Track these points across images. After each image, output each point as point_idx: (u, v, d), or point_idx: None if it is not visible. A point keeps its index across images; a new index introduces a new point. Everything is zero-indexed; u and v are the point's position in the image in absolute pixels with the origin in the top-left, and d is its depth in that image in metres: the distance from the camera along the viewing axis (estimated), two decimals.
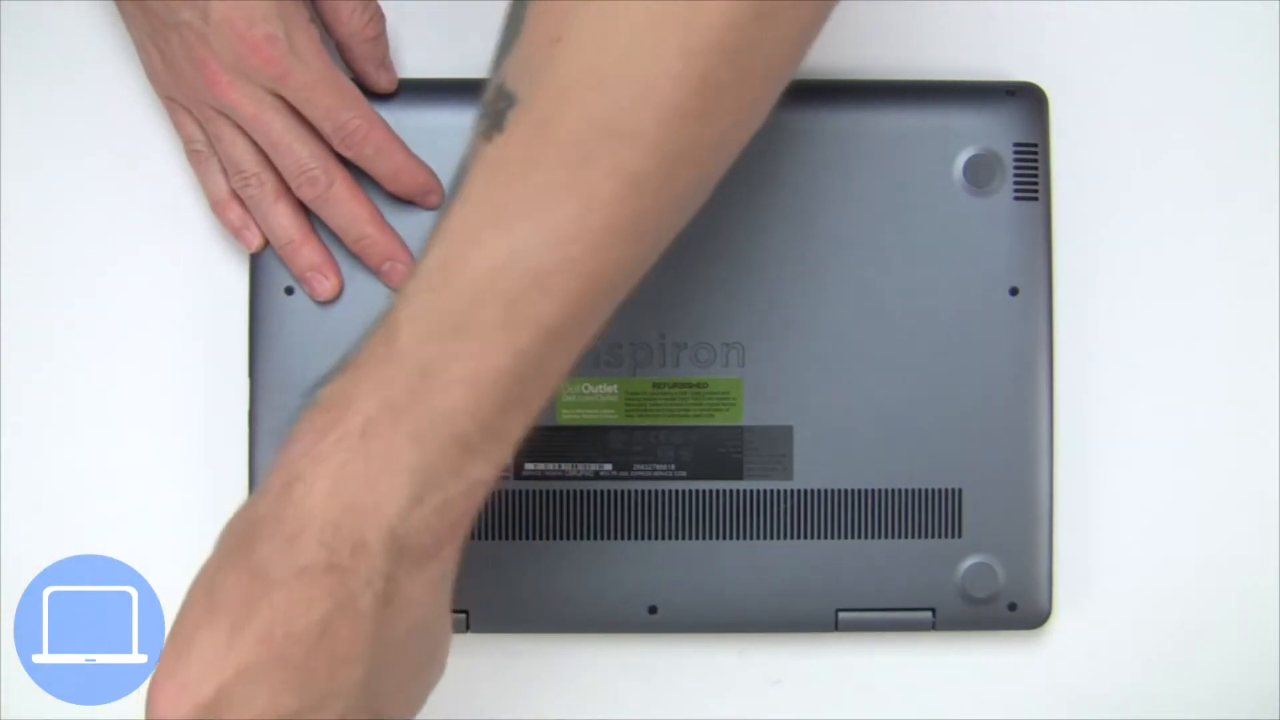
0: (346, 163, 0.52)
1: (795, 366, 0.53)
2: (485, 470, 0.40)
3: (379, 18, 0.52)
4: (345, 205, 0.52)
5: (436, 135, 0.53)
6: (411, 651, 0.42)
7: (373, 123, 0.51)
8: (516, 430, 0.40)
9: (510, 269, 0.38)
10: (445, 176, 0.53)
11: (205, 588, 0.40)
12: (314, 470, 0.39)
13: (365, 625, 0.39)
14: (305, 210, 0.53)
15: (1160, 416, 0.56)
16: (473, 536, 0.53)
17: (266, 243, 0.53)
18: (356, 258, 0.53)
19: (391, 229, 0.53)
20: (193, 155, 0.53)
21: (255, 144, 0.51)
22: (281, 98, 0.50)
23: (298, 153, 0.51)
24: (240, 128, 0.51)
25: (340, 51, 0.52)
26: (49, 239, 0.56)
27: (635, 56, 0.37)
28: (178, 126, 0.53)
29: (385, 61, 0.53)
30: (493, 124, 0.39)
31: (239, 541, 0.40)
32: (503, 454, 0.40)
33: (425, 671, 0.43)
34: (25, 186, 0.56)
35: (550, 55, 0.38)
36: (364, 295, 0.53)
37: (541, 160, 0.38)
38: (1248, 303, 0.56)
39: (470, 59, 0.55)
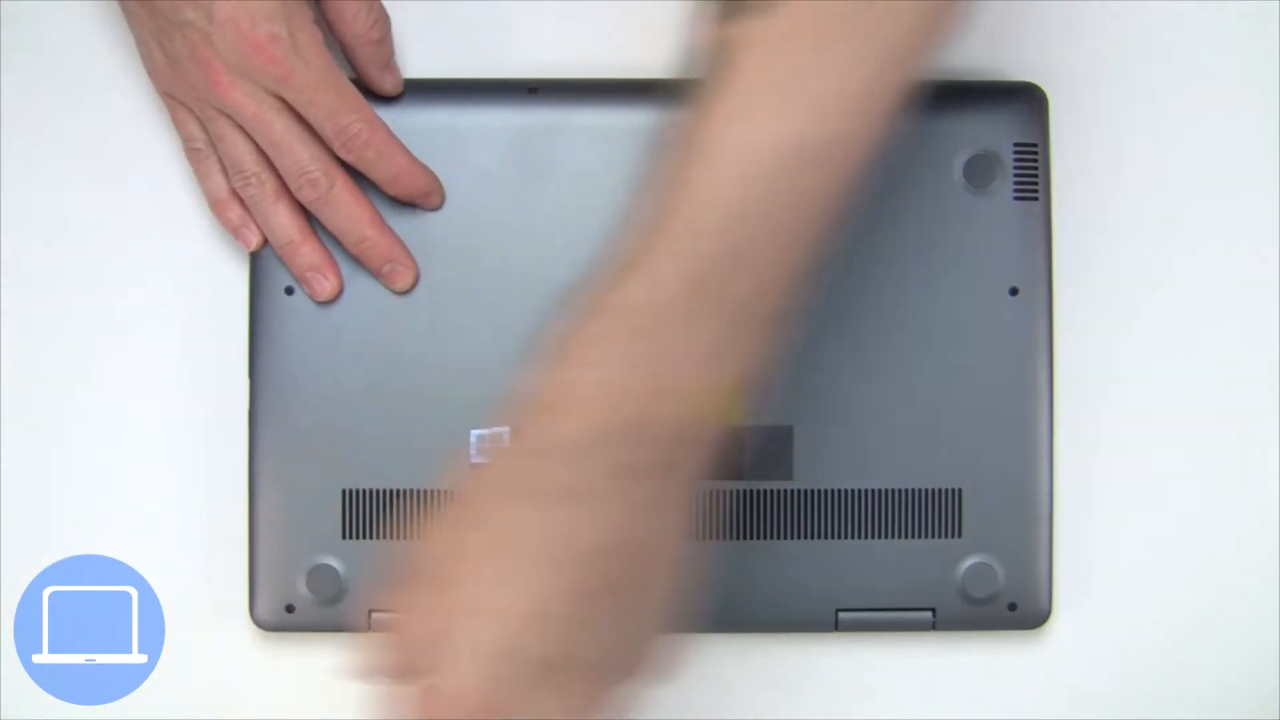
0: (347, 165, 0.52)
1: (795, 366, 0.53)
2: (764, 343, 0.41)
3: (384, 20, 0.52)
4: (345, 207, 0.52)
5: (439, 135, 0.53)
6: (670, 543, 0.42)
7: (374, 127, 0.51)
8: (792, 301, 0.41)
9: (792, 144, 0.39)
10: (448, 177, 0.53)
11: (468, 541, 0.40)
12: (608, 374, 0.40)
13: (658, 520, 0.40)
14: (305, 210, 0.53)
15: (1160, 416, 0.56)
16: None
17: (265, 242, 0.53)
18: (356, 259, 0.53)
19: (391, 231, 0.53)
20: (192, 154, 0.53)
21: (256, 144, 0.51)
22: (283, 99, 0.50)
23: (298, 154, 0.51)
24: (241, 127, 0.51)
25: (345, 53, 0.52)
26: (49, 239, 0.56)
27: None
28: (178, 124, 0.53)
29: (389, 64, 0.53)
30: (760, 9, 0.40)
31: (512, 481, 0.40)
32: (773, 329, 0.41)
33: (671, 561, 0.43)
34: (25, 187, 0.56)
35: None
36: (364, 295, 0.53)
37: (814, 36, 0.40)
38: (1248, 302, 0.56)
39: (472, 59, 0.56)
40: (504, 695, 0.39)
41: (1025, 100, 0.54)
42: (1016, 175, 0.54)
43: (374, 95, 0.53)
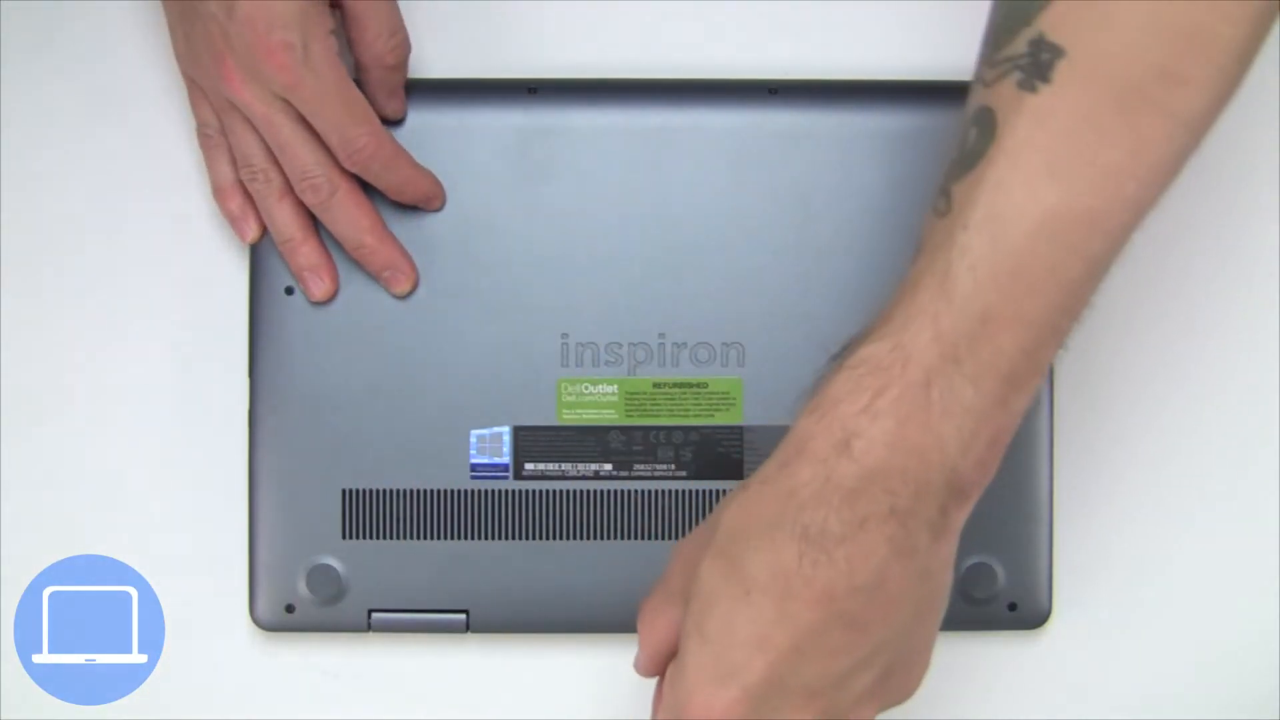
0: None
1: (795, 366, 0.53)
2: (1026, 401, 0.42)
3: (403, 47, 0.52)
4: (347, 213, 0.52)
5: (439, 136, 0.53)
6: (941, 584, 0.44)
7: (380, 140, 0.51)
8: (1051, 358, 0.42)
9: (1066, 212, 0.40)
10: (448, 177, 0.53)
11: (729, 575, 0.42)
12: (875, 426, 0.41)
13: (916, 568, 0.41)
14: (309, 209, 0.53)
15: (1160, 416, 0.56)
16: (473, 536, 0.54)
17: (263, 235, 0.53)
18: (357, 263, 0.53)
19: (392, 237, 0.53)
20: (203, 139, 0.53)
21: (265, 141, 0.51)
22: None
23: (303, 158, 0.51)
24: (251, 123, 0.51)
25: (357, 71, 0.52)
26: (49, 239, 0.56)
27: (1193, 2, 0.40)
28: (194, 107, 0.53)
29: (397, 91, 0.53)
30: (1035, 74, 0.41)
31: (775, 514, 0.41)
32: (1039, 382, 0.42)
33: (943, 601, 0.44)
34: (25, 187, 0.56)
35: (1103, 8, 0.40)
36: (364, 296, 0.53)
37: (1095, 108, 0.40)
38: (1248, 302, 0.56)
39: (472, 59, 0.56)
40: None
41: None
42: None
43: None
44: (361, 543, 0.53)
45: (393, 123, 0.53)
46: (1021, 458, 0.54)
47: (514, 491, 0.53)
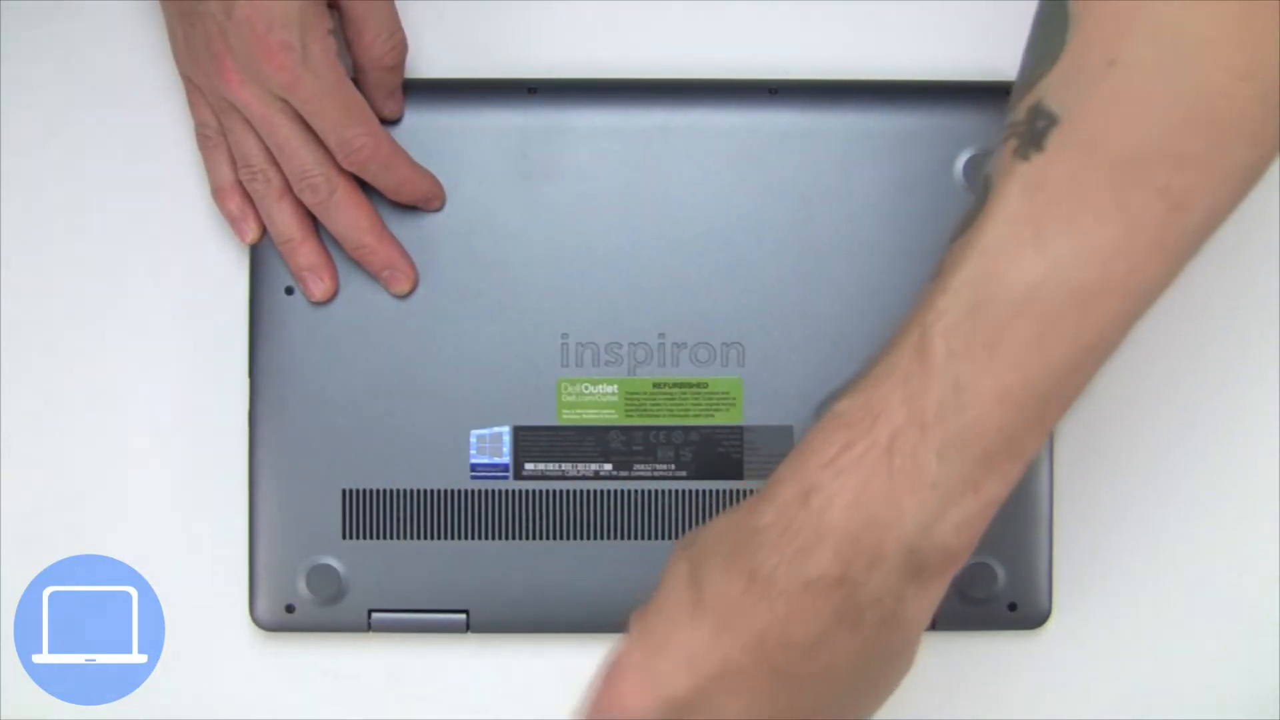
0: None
1: (795, 366, 0.54)
2: (1001, 488, 0.40)
3: (401, 48, 0.52)
4: (346, 213, 0.52)
5: (439, 136, 0.53)
6: (892, 668, 0.42)
7: (378, 140, 0.51)
8: (1035, 447, 0.40)
9: (1050, 287, 0.38)
10: (448, 177, 0.53)
11: (689, 584, 0.41)
12: (835, 482, 0.39)
13: (860, 643, 0.39)
14: (308, 209, 0.53)
15: (1160, 416, 0.56)
16: (473, 536, 0.54)
17: (262, 235, 0.53)
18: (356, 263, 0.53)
19: (392, 237, 0.53)
20: (202, 139, 0.53)
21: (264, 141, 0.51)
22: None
23: (302, 158, 0.51)
24: (250, 124, 0.51)
25: (355, 71, 0.52)
26: (49, 240, 0.56)
27: (1193, 80, 0.38)
28: (192, 108, 0.53)
29: (395, 92, 0.53)
30: (1029, 142, 0.39)
31: (737, 545, 0.40)
32: (1018, 470, 0.40)
33: (893, 684, 0.43)
34: (25, 187, 0.56)
35: (1102, 78, 0.38)
36: (364, 296, 0.53)
37: (1086, 180, 0.38)
38: (1248, 302, 0.56)
39: (472, 59, 0.56)
40: None
41: None
42: None
43: None
44: (361, 543, 0.53)
45: (391, 123, 0.53)
46: None
47: (514, 491, 0.53)
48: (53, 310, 0.56)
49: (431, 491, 0.53)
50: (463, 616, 0.53)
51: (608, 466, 0.54)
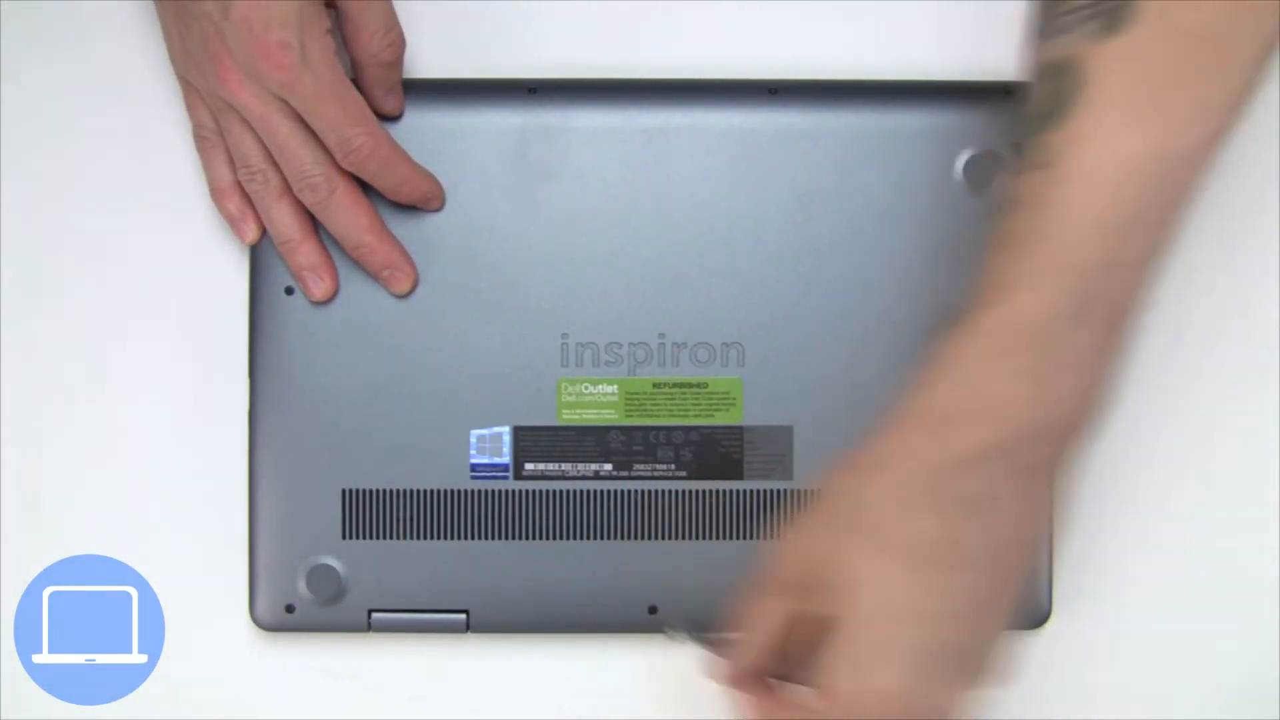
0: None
1: (795, 366, 0.53)
2: (1125, 343, 0.43)
3: (399, 44, 0.52)
4: (345, 212, 0.52)
5: (440, 136, 0.53)
6: (1049, 515, 0.47)
7: (377, 139, 0.51)
8: (1145, 301, 0.43)
9: (1166, 153, 0.41)
10: (448, 177, 0.53)
11: (868, 551, 0.43)
12: (1003, 388, 0.42)
13: (1044, 507, 0.45)
14: (308, 209, 0.53)
15: (1160, 416, 0.56)
16: (473, 536, 0.53)
17: (262, 235, 0.53)
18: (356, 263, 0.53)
19: (391, 237, 0.53)
20: (200, 141, 0.53)
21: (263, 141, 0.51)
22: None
23: (301, 158, 0.51)
24: (249, 124, 0.51)
25: (354, 69, 0.52)
26: (49, 240, 0.56)
27: None
28: (189, 109, 0.53)
29: (395, 88, 0.53)
30: (1106, 26, 0.42)
31: (907, 488, 0.42)
32: (1133, 325, 0.44)
33: (1017, 584, 0.45)
34: (25, 187, 0.56)
35: None
36: (364, 295, 0.53)
37: (1176, 47, 0.41)
38: (1248, 302, 0.56)
39: (472, 59, 0.56)
40: (921, 692, 0.42)
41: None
42: None
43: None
44: (361, 543, 0.53)
45: (391, 120, 0.53)
46: None
47: (514, 491, 0.53)
48: (53, 310, 0.56)
49: (431, 491, 0.53)
50: (463, 616, 0.53)
51: (608, 466, 0.54)
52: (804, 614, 0.44)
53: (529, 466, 0.54)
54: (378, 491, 0.53)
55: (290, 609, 0.54)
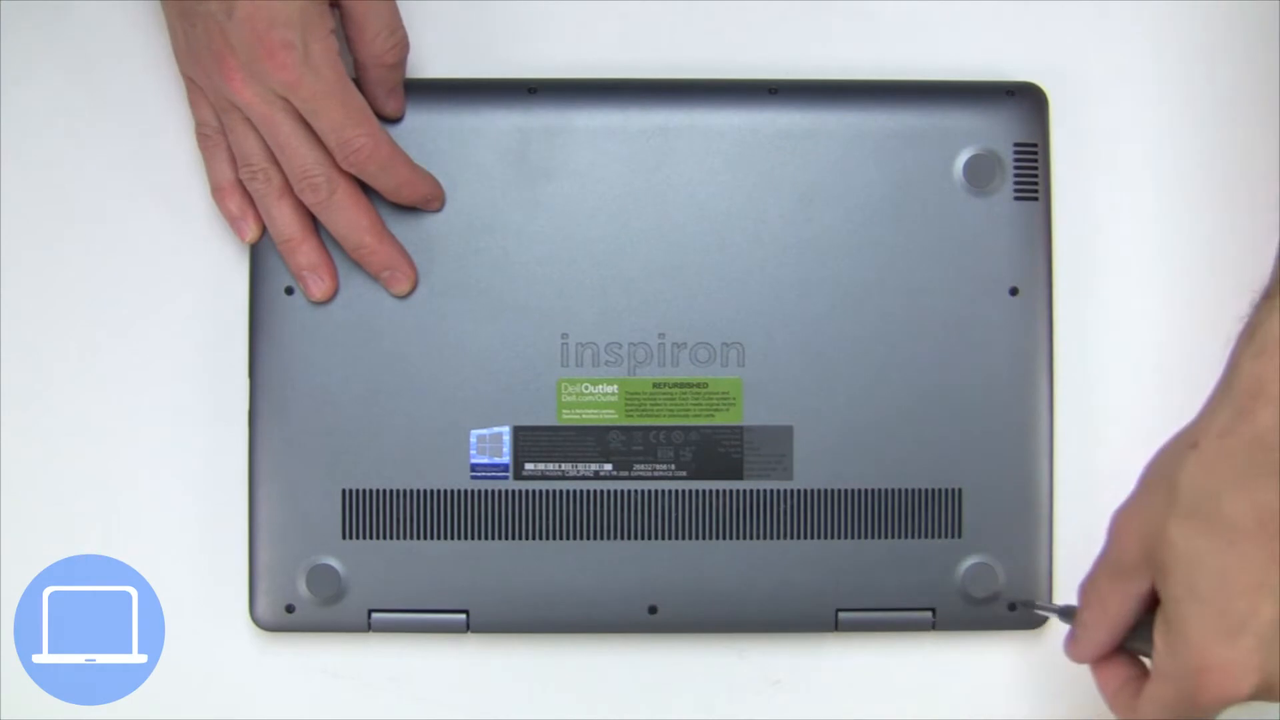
0: None
1: (795, 366, 0.53)
2: None
3: (402, 46, 0.52)
4: (346, 213, 0.52)
5: (439, 136, 0.53)
6: None
7: (377, 141, 0.51)
8: None
9: None
10: (448, 177, 0.53)
11: (1206, 530, 0.43)
12: None
13: None
14: (308, 209, 0.53)
15: (1160, 416, 0.56)
16: (473, 536, 0.53)
17: (262, 235, 0.53)
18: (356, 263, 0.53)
19: (391, 237, 0.53)
20: (202, 139, 0.53)
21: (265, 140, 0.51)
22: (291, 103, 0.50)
23: (303, 157, 0.51)
24: (251, 123, 0.51)
25: (356, 69, 0.52)
26: (49, 240, 0.56)
27: None
28: (193, 107, 0.53)
29: (396, 90, 0.53)
30: None
31: (1244, 464, 0.43)
32: None
33: None
34: (26, 186, 0.56)
35: None
36: (364, 295, 0.53)
37: None
38: (1249, 302, 0.56)
39: (472, 59, 0.56)
40: (1261, 665, 0.42)
41: (1025, 100, 0.54)
42: (1016, 175, 0.54)
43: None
44: (361, 543, 0.53)
45: (392, 121, 0.53)
46: (1021, 458, 0.54)
47: (514, 491, 0.53)
48: (53, 310, 0.56)
49: (431, 491, 0.53)
50: (463, 616, 0.53)
51: (608, 466, 0.54)
52: (1145, 593, 0.45)
53: (529, 466, 0.54)
54: (378, 491, 0.53)
55: (290, 609, 0.54)
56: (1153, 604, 0.45)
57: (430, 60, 0.55)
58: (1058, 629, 0.55)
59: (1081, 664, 0.48)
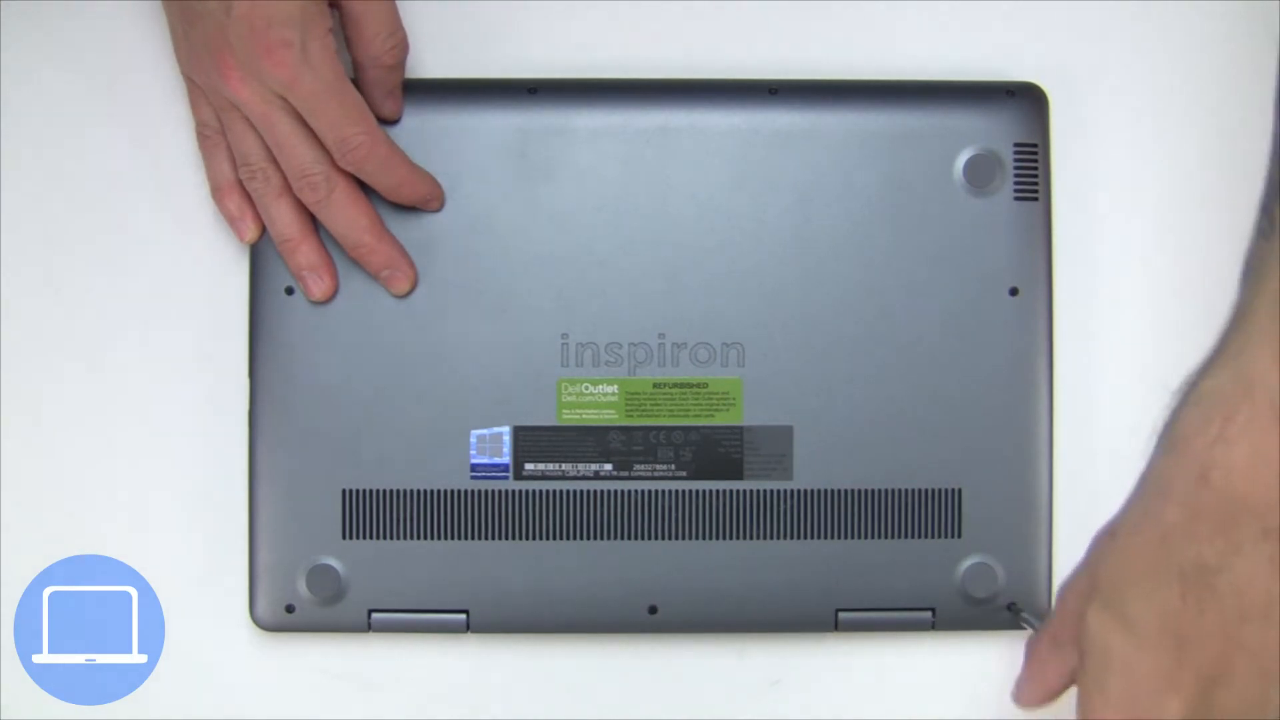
0: None
1: (795, 366, 0.53)
2: None
3: (401, 47, 0.51)
4: (344, 212, 0.52)
5: (440, 136, 0.53)
6: None
7: (375, 139, 0.51)
8: None
9: None
10: (448, 177, 0.53)
11: (1116, 627, 0.42)
12: (1229, 454, 0.41)
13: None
14: (308, 209, 0.53)
15: (1159, 417, 0.56)
16: (473, 536, 0.54)
17: (261, 235, 0.53)
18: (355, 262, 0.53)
19: (390, 237, 0.53)
20: (202, 139, 0.53)
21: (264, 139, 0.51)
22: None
23: (301, 156, 0.51)
24: (250, 122, 0.51)
25: (355, 70, 0.52)
26: (49, 240, 0.56)
27: None
28: (193, 107, 0.53)
29: (395, 91, 0.53)
30: None
31: (1151, 561, 0.42)
32: None
33: None
34: (25, 186, 0.56)
35: None
36: (364, 295, 0.53)
37: None
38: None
39: (472, 59, 0.56)
40: None
41: (1025, 100, 0.54)
42: (1016, 175, 0.54)
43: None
44: (361, 543, 0.53)
45: (390, 123, 0.53)
46: (1021, 458, 0.54)
47: (514, 491, 0.53)
48: (53, 310, 0.56)
49: (431, 491, 0.53)
50: (463, 616, 0.53)
51: (608, 466, 0.54)
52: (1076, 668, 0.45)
53: (529, 466, 0.54)
54: (378, 491, 0.53)
55: (290, 609, 0.54)
56: None
57: (430, 60, 0.55)
58: None
59: (1027, 709, 0.48)
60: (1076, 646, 0.44)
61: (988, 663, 0.56)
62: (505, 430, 0.53)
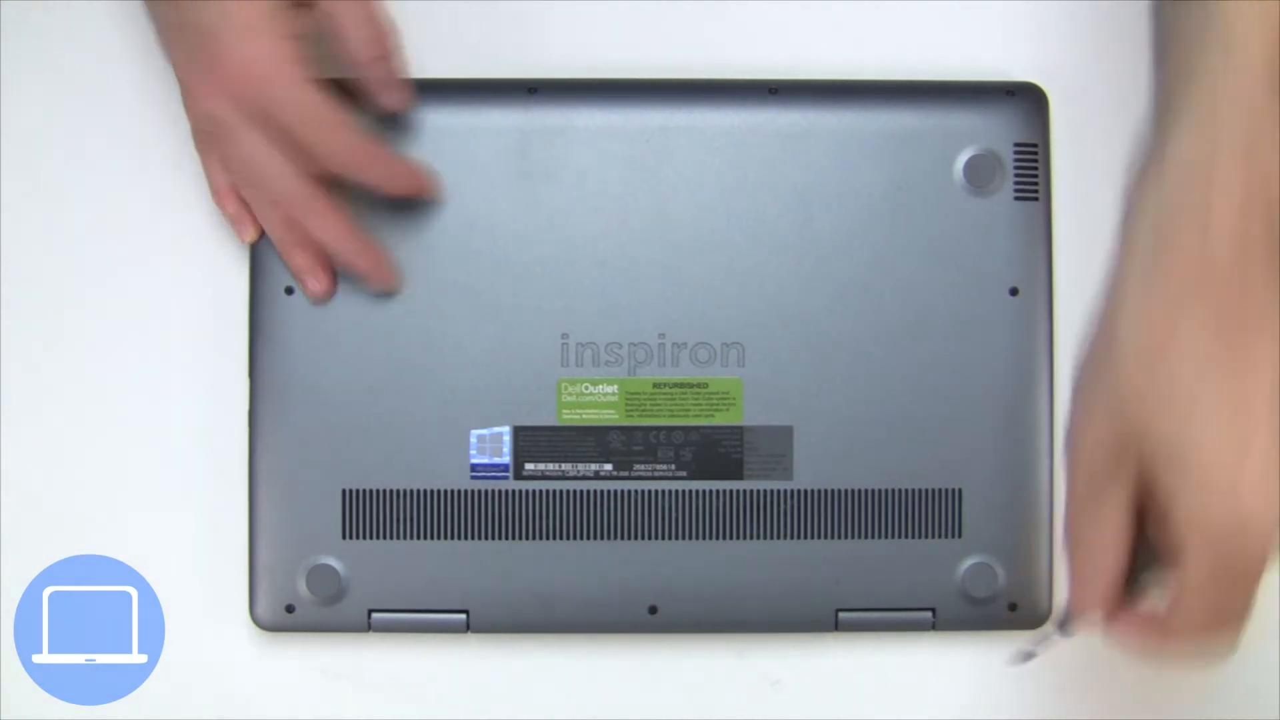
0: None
1: (795, 366, 0.54)
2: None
3: (382, 38, 0.50)
4: (323, 220, 0.51)
5: (439, 135, 0.53)
6: None
7: (350, 140, 0.50)
8: None
9: None
10: (448, 177, 0.53)
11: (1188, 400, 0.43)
12: (1221, 203, 0.44)
13: None
14: None
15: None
16: (473, 536, 0.54)
17: (261, 235, 0.53)
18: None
19: (370, 241, 0.52)
20: (198, 141, 0.53)
21: None
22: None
23: (271, 170, 0.50)
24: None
25: (352, 69, 0.51)
26: (49, 240, 0.56)
27: None
28: (186, 109, 0.53)
29: (392, 80, 0.51)
30: None
31: (1175, 303, 0.44)
32: None
33: None
34: (25, 186, 0.56)
35: None
36: (364, 295, 0.53)
37: None
38: None
39: (472, 59, 0.56)
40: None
41: (1025, 100, 0.54)
42: (1016, 175, 0.54)
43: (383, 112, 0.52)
44: (361, 543, 0.53)
45: (396, 116, 0.53)
46: (1021, 458, 0.54)
47: (514, 491, 0.53)
48: (53, 310, 0.56)
49: (431, 491, 0.53)
50: (463, 616, 0.53)
51: (608, 466, 0.54)
52: (1132, 497, 0.45)
53: (529, 466, 0.54)
54: (378, 491, 0.53)
55: (290, 609, 0.54)
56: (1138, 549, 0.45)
57: (430, 60, 0.55)
58: None
59: (1097, 611, 0.47)
60: (1122, 468, 0.45)
61: (988, 663, 0.56)
62: (505, 430, 0.53)
